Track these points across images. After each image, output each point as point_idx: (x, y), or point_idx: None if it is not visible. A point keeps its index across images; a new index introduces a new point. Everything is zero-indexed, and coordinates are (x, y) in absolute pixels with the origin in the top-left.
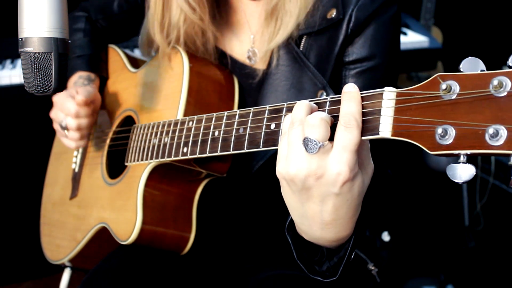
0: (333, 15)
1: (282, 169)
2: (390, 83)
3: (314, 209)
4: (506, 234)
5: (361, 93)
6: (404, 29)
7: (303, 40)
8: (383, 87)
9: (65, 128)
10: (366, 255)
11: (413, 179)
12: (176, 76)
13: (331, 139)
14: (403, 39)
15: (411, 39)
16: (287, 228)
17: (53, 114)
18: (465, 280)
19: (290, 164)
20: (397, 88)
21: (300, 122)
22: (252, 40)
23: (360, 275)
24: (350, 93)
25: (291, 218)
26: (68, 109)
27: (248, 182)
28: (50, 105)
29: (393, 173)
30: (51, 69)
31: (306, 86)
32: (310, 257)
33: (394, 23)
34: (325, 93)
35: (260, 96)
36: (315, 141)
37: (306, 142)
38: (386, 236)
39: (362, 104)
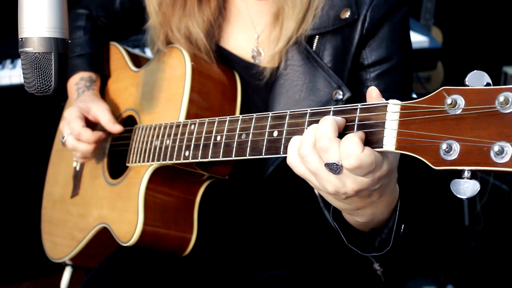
0: (347, 15)
1: (321, 188)
2: (409, 81)
3: (363, 202)
4: (506, 234)
5: (365, 104)
6: None
7: (315, 39)
8: (403, 86)
9: (64, 144)
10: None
11: (414, 179)
12: (178, 77)
13: None
14: None
15: (411, 39)
16: (332, 216)
17: (61, 126)
18: (465, 280)
19: (326, 186)
20: (412, 86)
21: (313, 148)
22: (256, 39)
23: (365, 275)
24: (351, 136)
25: (333, 207)
26: (73, 128)
27: (257, 186)
28: (50, 105)
29: None
30: (51, 69)
31: (320, 86)
32: (360, 241)
33: (406, 22)
34: (341, 92)
35: (271, 96)
36: (335, 164)
37: (328, 166)
38: None
39: (366, 116)
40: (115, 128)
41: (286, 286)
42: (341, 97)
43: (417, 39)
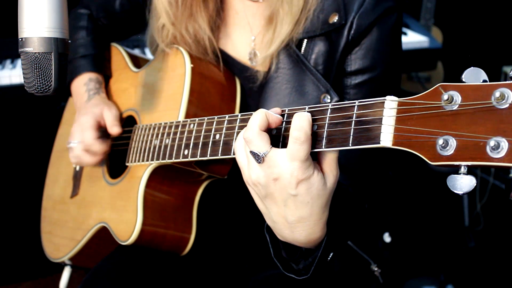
0: (335, 20)
1: (246, 177)
2: (392, 92)
3: (279, 213)
4: (506, 234)
5: (363, 101)
6: (404, 29)
7: (304, 43)
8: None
9: (69, 148)
10: (369, 256)
11: (414, 180)
12: (178, 77)
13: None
14: (403, 39)
15: (411, 39)
16: (266, 228)
17: (73, 130)
18: (465, 280)
19: (250, 172)
20: (400, 92)
21: (244, 138)
22: (253, 41)
23: (363, 276)
24: (302, 113)
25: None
26: (86, 137)
27: None
28: (50, 105)
29: (394, 174)
30: (51, 69)
31: (308, 90)
32: (290, 256)
33: (395, 32)
34: (328, 97)
35: (261, 99)
36: (256, 153)
37: (252, 154)
38: (387, 237)
39: (364, 112)
40: (112, 130)
41: (286, 286)
42: (329, 101)
43: (417, 39)
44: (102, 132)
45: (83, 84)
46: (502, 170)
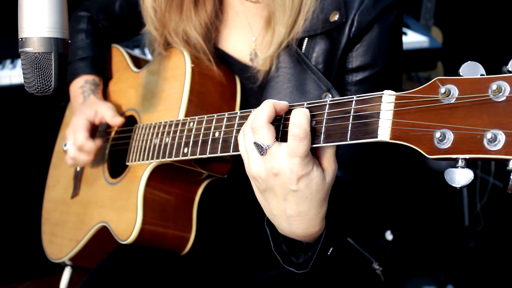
0: (336, 18)
1: (247, 169)
2: (393, 88)
3: (279, 207)
4: (506, 234)
5: (360, 96)
6: (404, 29)
7: (305, 42)
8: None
9: (65, 151)
10: (370, 254)
11: (414, 179)
12: (178, 77)
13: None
14: (403, 39)
15: (411, 39)
16: (266, 221)
17: (67, 132)
18: (465, 280)
19: (251, 166)
20: (402, 90)
21: (251, 128)
22: (254, 42)
23: (364, 274)
24: (300, 109)
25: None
26: (77, 138)
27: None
28: (50, 105)
29: (396, 173)
30: (51, 69)
31: (310, 88)
32: (290, 250)
33: (395, 28)
34: (330, 95)
35: (263, 98)
36: (261, 145)
37: (256, 145)
38: (389, 235)
39: (362, 107)
40: (115, 120)
41: (286, 286)
42: None
43: (417, 39)
44: (95, 131)
45: (79, 87)
46: (500, 162)
